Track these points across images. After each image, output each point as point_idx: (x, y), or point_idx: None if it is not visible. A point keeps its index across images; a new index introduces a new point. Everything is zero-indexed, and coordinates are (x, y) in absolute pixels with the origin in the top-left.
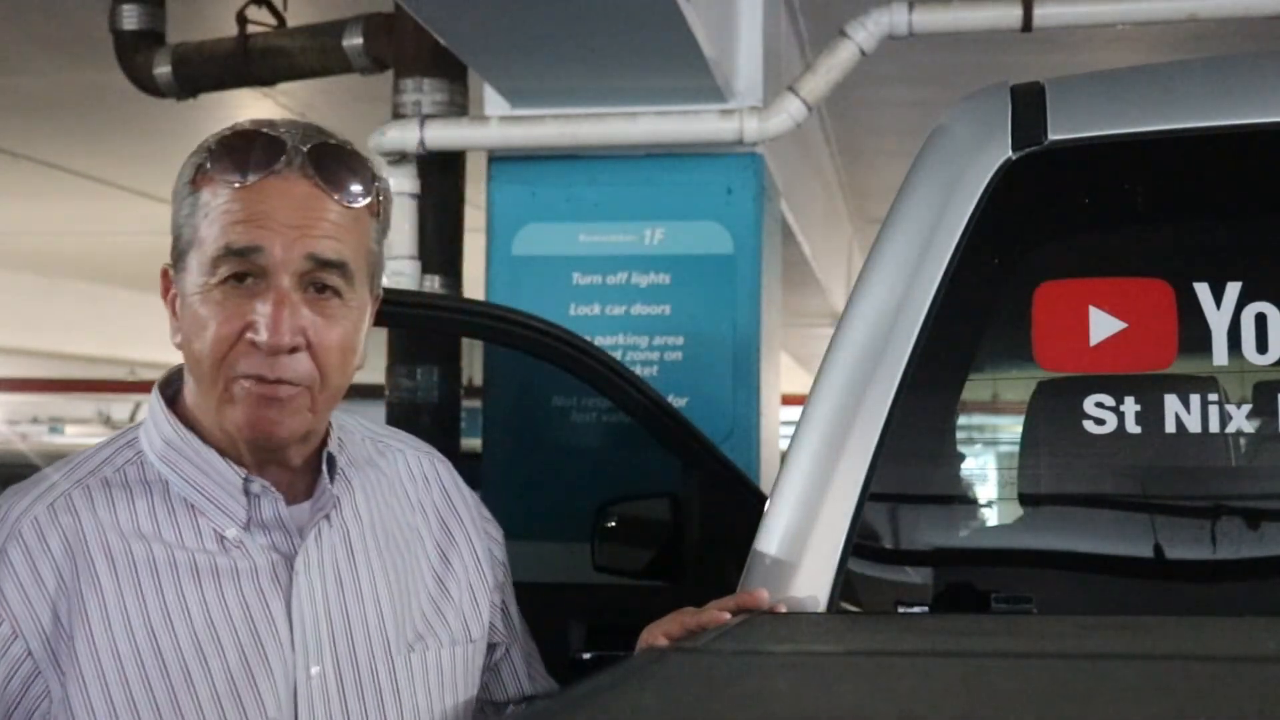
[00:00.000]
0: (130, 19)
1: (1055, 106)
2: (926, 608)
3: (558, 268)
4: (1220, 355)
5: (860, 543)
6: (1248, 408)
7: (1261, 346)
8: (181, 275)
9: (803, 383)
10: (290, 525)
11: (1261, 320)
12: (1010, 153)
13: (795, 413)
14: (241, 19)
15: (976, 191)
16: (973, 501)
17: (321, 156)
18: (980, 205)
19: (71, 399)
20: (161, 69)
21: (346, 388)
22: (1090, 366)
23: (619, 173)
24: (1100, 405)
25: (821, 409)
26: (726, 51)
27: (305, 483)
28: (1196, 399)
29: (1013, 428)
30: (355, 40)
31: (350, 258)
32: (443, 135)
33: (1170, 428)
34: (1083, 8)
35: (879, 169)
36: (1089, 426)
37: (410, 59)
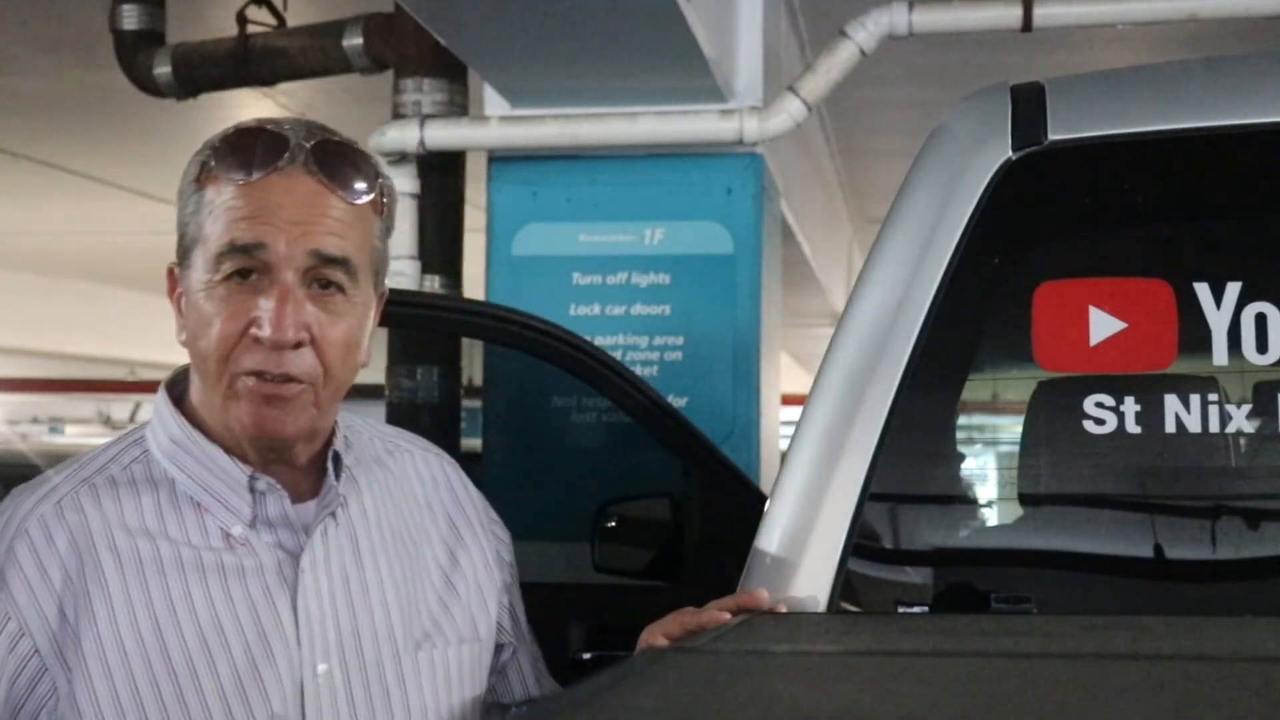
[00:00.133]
0: (130, 19)
1: (1055, 106)
2: (926, 608)
3: (558, 268)
4: (1220, 355)
5: (860, 543)
6: (1248, 408)
7: (1261, 346)
8: (187, 272)
9: (803, 383)
10: (296, 523)
11: (1261, 320)
12: (1010, 153)
13: (795, 413)
14: (241, 19)
15: (976, 191)
16: (973, 501)
17: (325, 153)
18: (980, 205)
19: (71, 399)
20: (161, 69)
21: (351, 384)
22: (1090, 366)
23: (619, 173)
24: (1100, 405)
25: (821, 409)
26: (726, 51)
27: (311, 481)
28: (1196, 399)
29: (1013, 428)
30: (355, 40)
31: (354, 254)
32: (443, 135)
33: (1170, 428)
34: (1083, 8)
35: (879, 169)
36: (1089, 426)
37: (410, 59)
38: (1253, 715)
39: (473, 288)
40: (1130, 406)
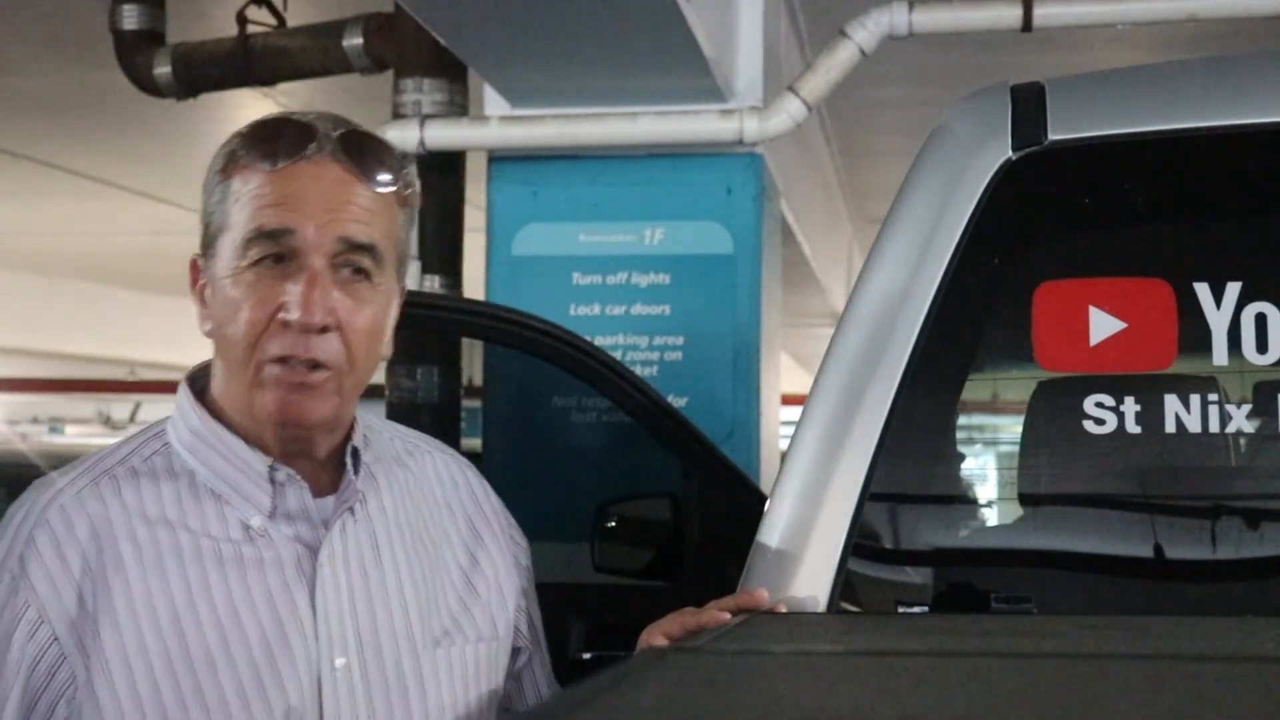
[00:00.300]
0: (130, 19)
1: (1055, 106)
2: (926, 608)
3: (558, 268)
4: (1220, 355)
5: (860, 542)
6: (1248, 408)
7: (1261, 346)
8: (211, 261)
9: (803, 383)
10: (315, 517)
11: (1261, 320)
12: (1010, 153)
13: (795, 413)
14: (241, 19)
15: (976, 191)
16: (973, 501)
17: (351, 142)
18: (980, 205)
19: (71, 399)
20: (161, 69)
21: (372, 374)
22: (1090, 366)
23: (619, 173)
24: (1100, 405)
25: (821, 408)
26: (726, 51)
27: (331, 477)
28: (1196, 399)
29: (1013, 428)
30: (355, 40)
31: (379, 241)
32: (443, 135)
33: (1170, 428)
34: (1083, 8)
35: (879, 169)
36: (1089, 426)
37: (410, 59)
38: (1253, 715)
39: (473, 288)
40: (1130, 406)
